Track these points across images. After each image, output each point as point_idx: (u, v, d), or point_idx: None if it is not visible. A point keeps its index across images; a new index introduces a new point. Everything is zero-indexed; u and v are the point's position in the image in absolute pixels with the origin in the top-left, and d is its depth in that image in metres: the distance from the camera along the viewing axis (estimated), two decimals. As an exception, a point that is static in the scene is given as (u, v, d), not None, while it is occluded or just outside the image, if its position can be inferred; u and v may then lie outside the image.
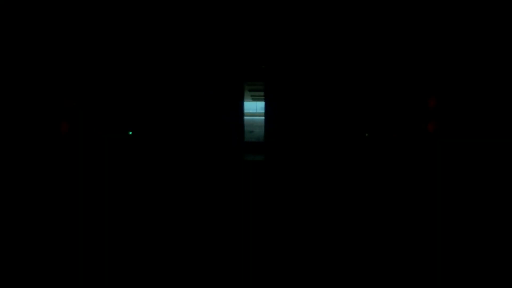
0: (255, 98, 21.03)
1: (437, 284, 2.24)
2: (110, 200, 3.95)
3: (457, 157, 3.90)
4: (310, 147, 5.06)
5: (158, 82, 4.97)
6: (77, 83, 4.47)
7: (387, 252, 2.68)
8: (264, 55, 5.45)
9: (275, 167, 4.97)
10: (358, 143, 5.08)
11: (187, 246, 2.80)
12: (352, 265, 2.46)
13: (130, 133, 5.07)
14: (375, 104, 5.03)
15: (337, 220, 3.41)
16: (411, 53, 4.62)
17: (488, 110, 3.69)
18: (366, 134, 5.10)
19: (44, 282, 2.22)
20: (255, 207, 3.78)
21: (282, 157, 5.12)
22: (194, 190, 4.30)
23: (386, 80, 4.97)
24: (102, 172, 4.53)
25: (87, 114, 4.57)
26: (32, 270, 2.35)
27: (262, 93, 17.67)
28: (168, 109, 5.04)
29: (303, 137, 5.02)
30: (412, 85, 4.67)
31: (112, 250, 2.70)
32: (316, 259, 2.57)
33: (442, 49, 4.22)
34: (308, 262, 2.52)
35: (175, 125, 5.00)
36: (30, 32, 3.80)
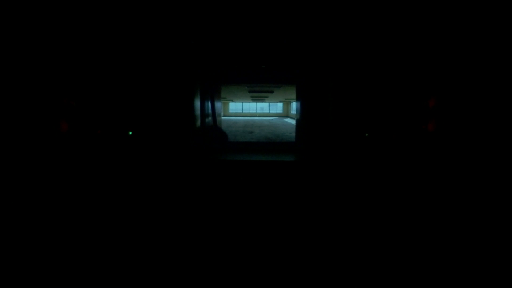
0: (255, 99, 20.95)
1: (437, 283, 2.24)
2: (110, 199, 3.95)
3: (457, 157, 3.90)
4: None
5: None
6: (77, 82, 4.46)
7: (387, 251, 2.68)
8: (265, 55, 5.47)
9: (305, 167, 5.13)
10: (360, 142, 5.08)
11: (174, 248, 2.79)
12: (354, 265, 2.46)
13: (130, 133, 5.07)
14: (375, 104, 5.03)
15: (345, 221, 3.41)
16: (411, 53, 4.63)
17: (488, 110, 3.69)
18: (366, 134, 5.09)
19: (44, 281, 2.21)
20: (254, 207, 3.78)
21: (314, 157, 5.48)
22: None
23: (386, 80, 4.97)
24: (102, 172, 4.53)
25: (87, 114, 4.57)
26: (32, 270, 2.35)
27: (262, 94, 17.58)
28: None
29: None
30: (412, 85, 4.67)
31: (112, 249, 2.69)
32: (317, 257, 2.57)
33: (442, 49, 4.23)
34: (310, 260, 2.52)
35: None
36: (29, 31, 3.80)
